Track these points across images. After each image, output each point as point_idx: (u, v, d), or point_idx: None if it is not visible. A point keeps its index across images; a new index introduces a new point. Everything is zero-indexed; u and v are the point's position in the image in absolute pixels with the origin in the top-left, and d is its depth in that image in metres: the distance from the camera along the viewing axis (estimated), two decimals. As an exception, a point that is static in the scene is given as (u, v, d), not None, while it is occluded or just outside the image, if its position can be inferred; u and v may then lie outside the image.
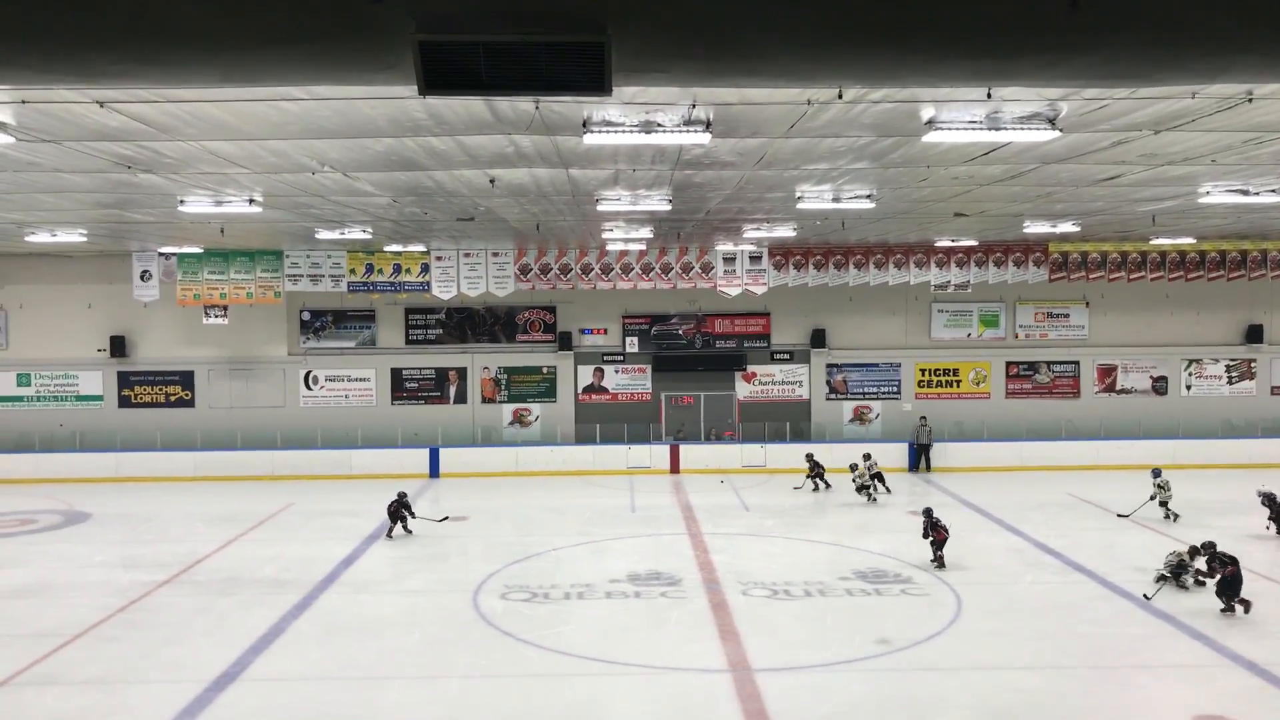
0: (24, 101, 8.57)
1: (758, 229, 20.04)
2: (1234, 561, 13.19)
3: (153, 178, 12.84)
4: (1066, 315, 27.46)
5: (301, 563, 16.46)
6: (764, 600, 14.08)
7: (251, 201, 14.89)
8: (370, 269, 24.83)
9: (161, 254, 24.25)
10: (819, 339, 26.97)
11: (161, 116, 9.27)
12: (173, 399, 27.03)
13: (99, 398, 26.93)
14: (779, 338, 27.22)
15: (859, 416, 27.25)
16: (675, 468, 25.47)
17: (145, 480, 24.76)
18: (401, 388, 27.21)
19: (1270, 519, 17.72)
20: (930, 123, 9.75)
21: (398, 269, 24.83)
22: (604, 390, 27.19)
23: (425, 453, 25.55)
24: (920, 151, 11.69)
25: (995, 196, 15.73)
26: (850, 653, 11.89)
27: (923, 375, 27.41)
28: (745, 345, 27.11)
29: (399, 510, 18.39)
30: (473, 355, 27.26)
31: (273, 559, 16.79)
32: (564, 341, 26.97)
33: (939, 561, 15.59)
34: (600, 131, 9.62)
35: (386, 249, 24.12)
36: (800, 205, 15.60)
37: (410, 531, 18.48)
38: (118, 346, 26.67)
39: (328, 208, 16.25)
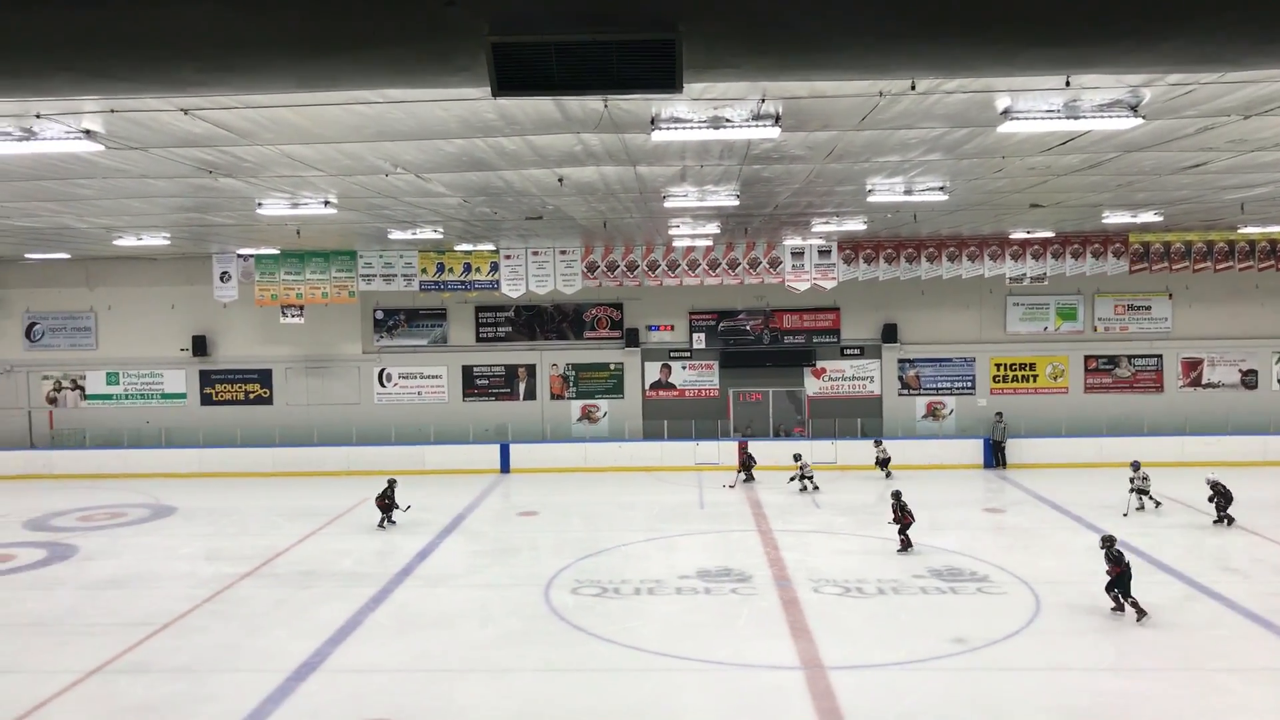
0: (113, 110, 8.87)
1: (826, 223, 19.81)
2: (1120, 561, 12.89)
3: (232, 181, 13.20)
4: (1148, 307, 26.63)
5: (377, 556, 16.80)
6: (836, 598, 13.95)
7: (326, 203, 15.21)
8: (441, 268, 25.20)
9: (240, 256, 24.94)
10: (890, 334, 26.59)
11: (241, 122, 9.52)
12: (252, 396, 27.80)
13: (182, 395, 27.84)
14: (849, 333, 26.91)
15: (932, 412, 26.81)
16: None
17: (226, 475, 25.52)
18: (472, 384, 27.57)
19: (1216, 508, 18.01)
20: (1006, 112, 9.53)
21: (468, 268, 25.16)
22: (671, 386, 27.20)
23: (496, 449, 25.87)
24: (995, 142, 11.43)
25: (1073, 187, 15.31)
26: (925, 651, 11.72)
27: (998, 370, 26.84)
28: (814, 341, 26.86)
29: (389, 502, 18.93)
30: (541, 352, 27.50)
31: (349, 553, 17.18)
32: (631, 338, 27.04)
33: (904, 544, 16.15)
34: (668, 128, 9.60)
35: (457, 248, 24.46)
36: (871, 198, 15.39)
37: (395, 523, 18.92)
38: (199, 346, 27.52)
39: (400, 209, 16.53)
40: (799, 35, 4.54)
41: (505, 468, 25.62)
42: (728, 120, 9.49)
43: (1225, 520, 17.99)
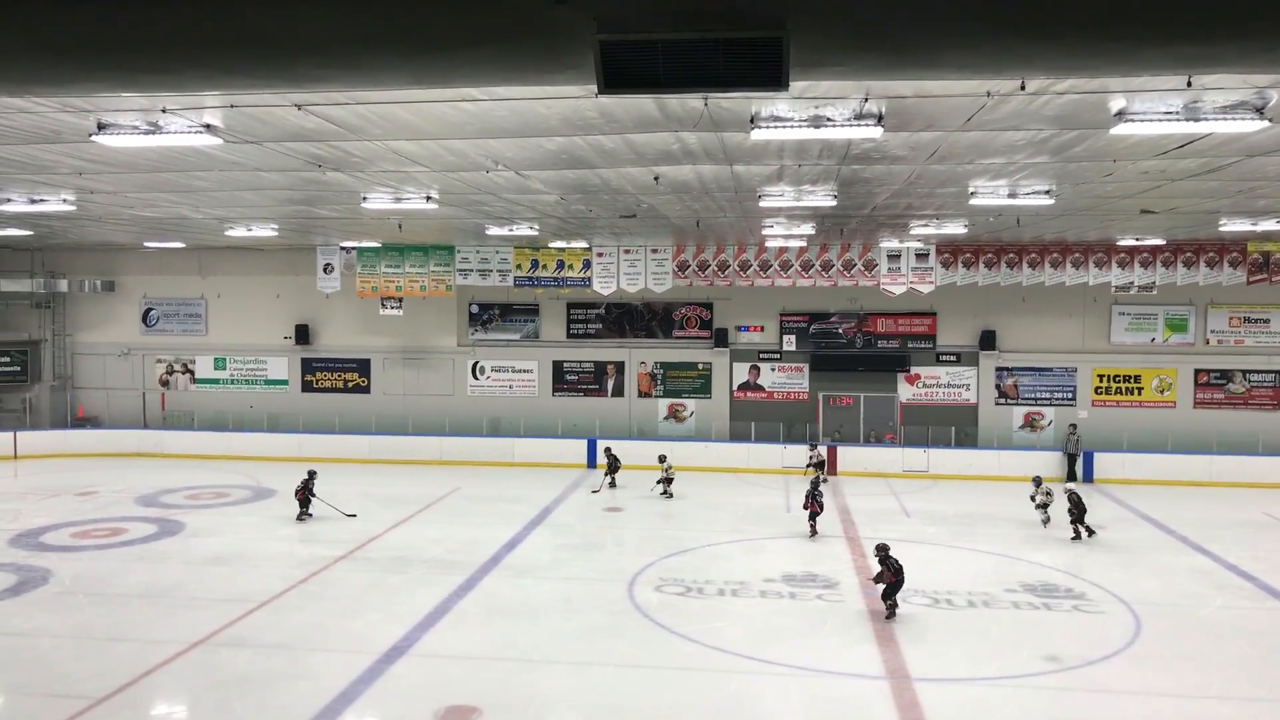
0: (232, 106, 9.25)
1: (926, 225, 19.42)
2: (898, 572, 13.05)
3: (340, 175, 13.61)
4: (1267, 320, 25.36)
5: (466, 545, 17.12)
6: (924, 608, 13.67)
7: (429, 198, 15.57)
8: (535, 264, 25.55)
9: (343, 248, 25.70)
10: (988, 341, 25.92)
11: (351, 117, 9.82)
12: (350, 385, 28.63)
13: (284, 382, 28.83)
14: (945, 339, 26.33)
15: (1030, 423, 26.04)
16: (832, 470, 25.04)
17: (324, 461, 26.25)
18: (562, 380, 27.88)
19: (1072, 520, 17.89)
20: (1120, 114, 9.20)
21: (561, 265, 25.44)
22: (759, 388, 27.02)
23: (583, 443, 26.09)
24: (1106, 145, 11.05)
25: (1188, 192, 14.69)
26: (1016, 668, 11.40)
27: (1100, 381, 25.92)
28: (909, 346, 26.36)
29: (308, 492, 19.22)
30: (630, 350, 27.63)
31: (439, 540, 17.55)
32: (720, 338, 26.96)
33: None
34: (768, 127, 9.55)
35: (551, 245, 24.75)
36: (973, 201, 15.03)
37: (311, 515, 19.17)
38: (302, 334, 28.47)
39: (499, 205, 16.81)
40: (911, 33, 4.46)
41: (592, 463, 25.82)
42: (829, 119, 9.39)
43: (1086, 531, 17.94)
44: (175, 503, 20.97)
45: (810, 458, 23.89)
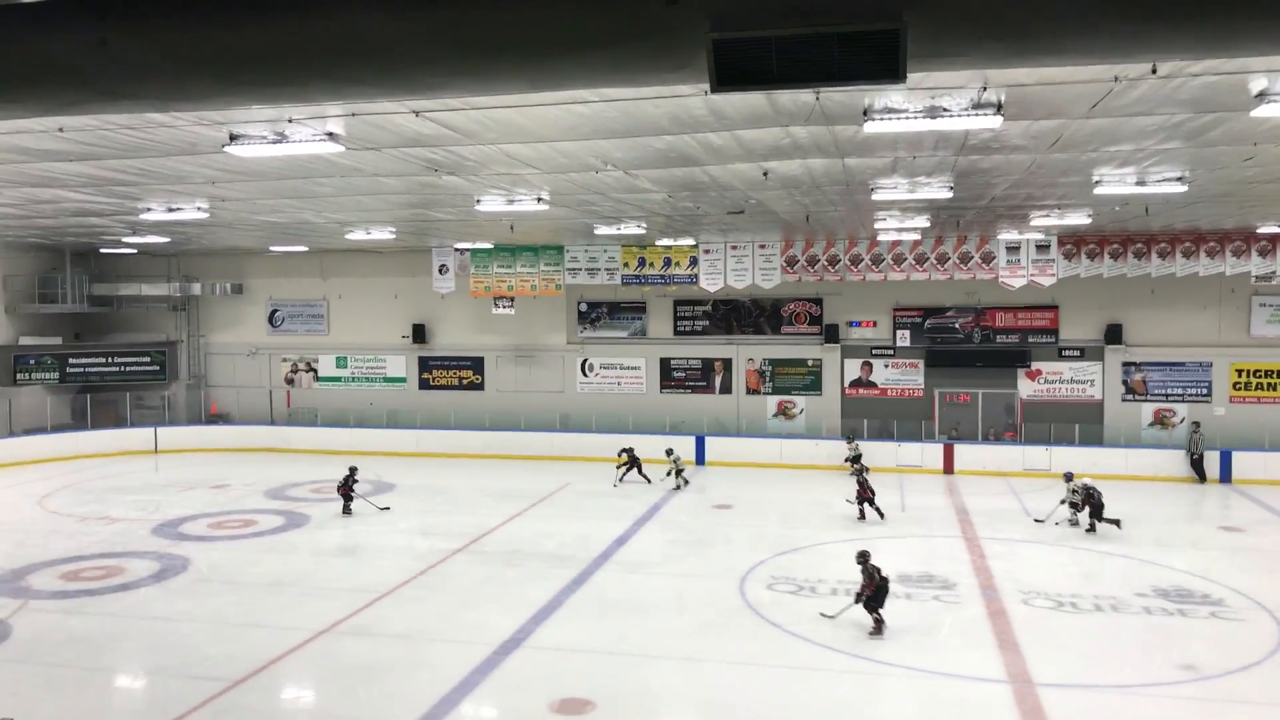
0: (353, 114, 9.59)
1: (1046, 216, 18.72)
2: (874, 576, 12.18)
3: (454, 179, 13.96)
4: None
5: (578, 540, 17.35)
6: (1048, 612, 13.19)
7: (540, 200, 15.83)
8: (642, 262, 25.69)
9: (457, 249, 26.36)
10: (1114, 335, 24.80)
11: (466, 123, 10.06)
12: (465, 382, 29.35)
13: (402, 379, 29.75)
14: (1068, 333, 25.30)
15: (1160, 420, 24.80)
16: (949, 468, 24.40)
17: (440, 456, 27.04)
18: (669, 376, 27.94)
19: (1089, 514, 17.68)
20: (1262, 95, 8.69)
21: (668, 262, 25.51)
22: (872, 385, 26.52)
23: (692, 440, 26.09)
24: (1246, 127, 10.45)
25: (1338, 174, 13.77)
26: (1148, 676, 10.91)
27: (1239, 377, 24.50)
28: (1029, 340, 25.43)
29: (349, 489, 19.50)
30: (738, 346, 27.49)
31: (552, 535, 17.83)
32: (830, 334, 26.56)
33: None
34: (882, 119, 9.37)
35: (658, 243, 24.84)
36: (1098, 190, 14.42)
37: (351, 513, 19.33)
38: (418, 334, 29.32)
39: (607, 205, 16.97)
40: (1030, 20, 4.32)
41: (700, 460, 25.81)
42: (945, 110, 9.15)
43: (1105, 522, 17.71)
44: (301, 496, 21.88)
45: (850, 450, 23.76)
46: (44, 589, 14.50)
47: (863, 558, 12.57)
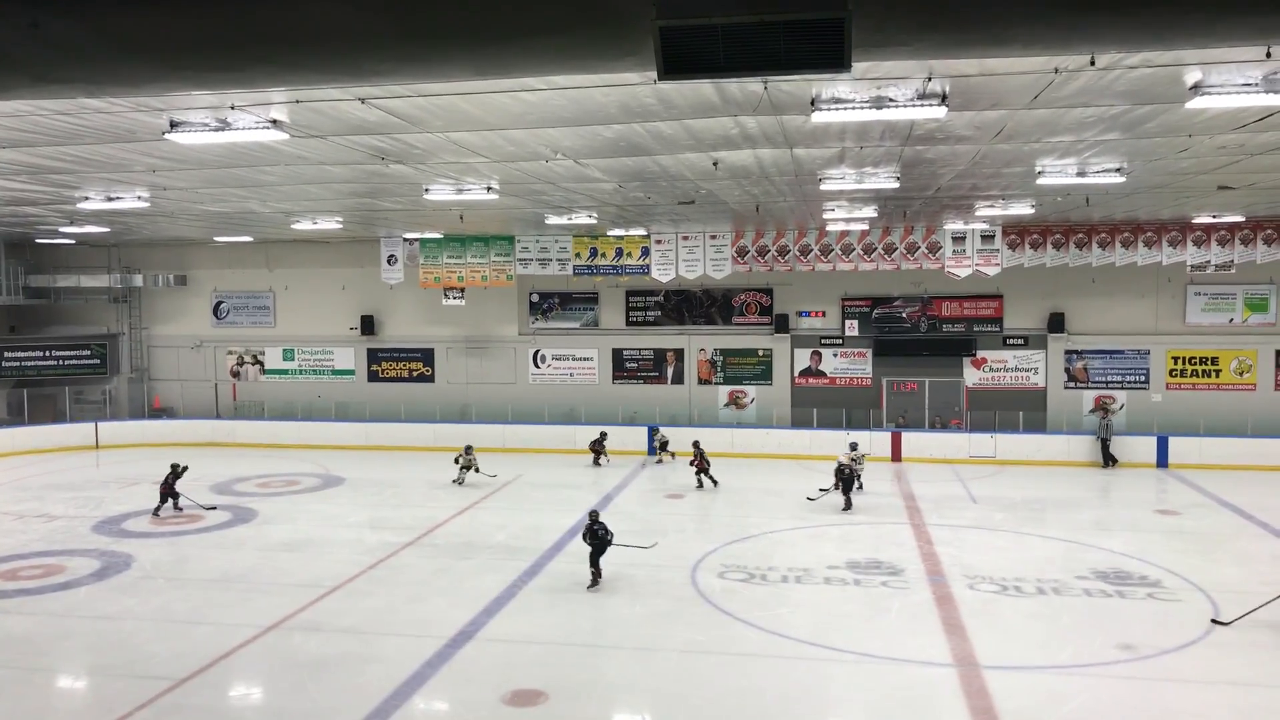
0: (297, 101, 9.43)
1: (991, 206, 19.04)
2: (598, 536, 13.85)
3: (402, 168, 13.80)
4: (1352, 298, 24.39)
5: (530, 531, 17.30)
6: (992, 596, 13.46)
7: (489, 189, 15.71)
8: (594, 253, 25.65)
9: (406, 239, 26.07)
10: (1057, 323, 25.34)
11: (413, 110, 9.94)
12: (415, 374, 29.09)
13: (351, 372, 29.40)
14: (1012, 321, 25.80)
15: (1101, 407, 25.41)
16: (897, 456, 24.76)
17: (390, 449, 26.78)
18: (622, 367, 27.96)
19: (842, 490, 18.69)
20: (1196, 88, 8.92)
21: (619, 253, 25.50)
22: (821, 374, 26.80)
23: (643, 431, 26.14)
24: (1181, 119, 10.72)
25: (1269, 167, 14.17)
26: (1089, 656, 11.18)
27: (1175, 364, 25.18)
28: (975, 329, 25.89)
29: (172, 487, 18.96)
30: (690, 337, 27.60)
31: (503, 526, 17.76)
32: (780, 324, 26.78)
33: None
34: (829, 109, 9.44)
35: (609, 233, 24.81)
36: (1041, 181, 14.69)
37: (180, 509, 18.96)
38: (367, 325, 28.98)
39: (558, 194, 16.90)
40: (974, 10, 4.37)
41: (651, 450, 25.86)
42: (891, 100, 9.26)
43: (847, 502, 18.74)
44: (248, 490, 21.53)
45: (659, 438, 25.03)
46: (-21, 589, 14.11)
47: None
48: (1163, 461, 23.72)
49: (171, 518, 18.67)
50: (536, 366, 28.37)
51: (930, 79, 8.78)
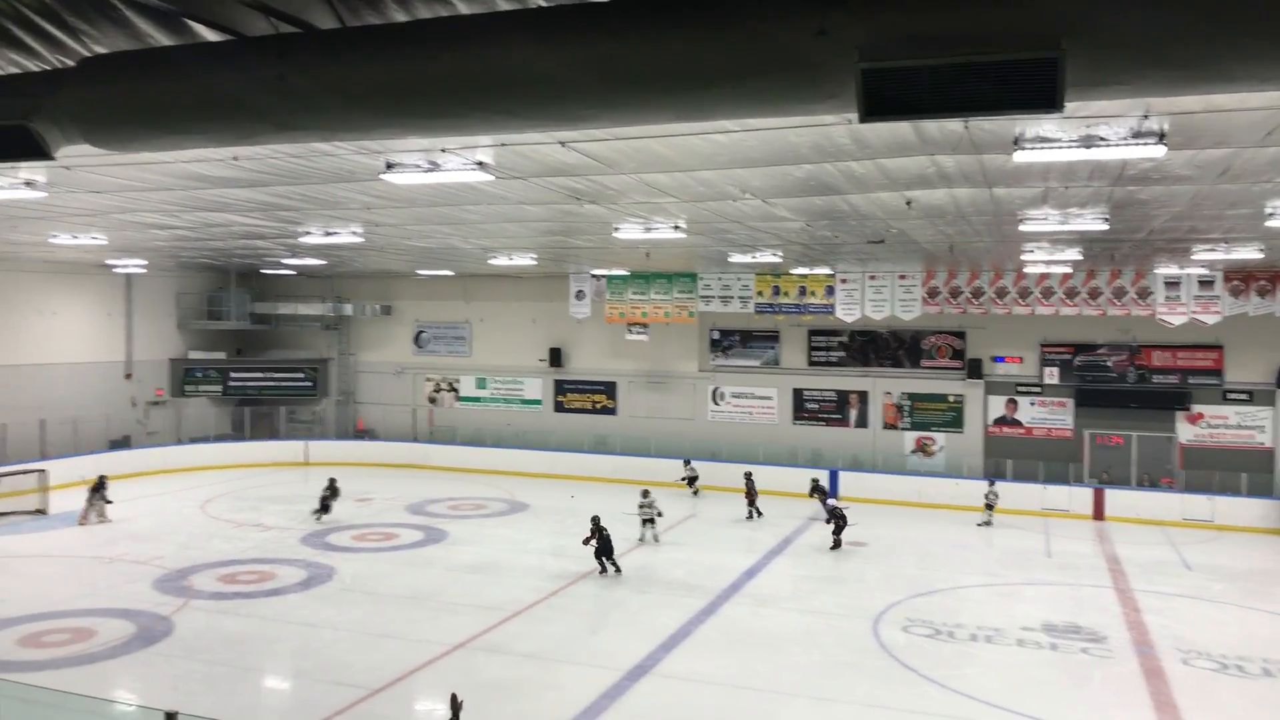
0: (502, 144, 9.90)
1: (1211, 250, 17.61)
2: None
3: (595, 208, 14.22)
4: None
5: (708, 570, 17.25)
6: (1210, 674, 12.30)
7: (676, 227, 15.93)
8: (776, 291, 25.51)
9: (593, 275, 26.82)
10: (1287, 377, 23.08)
11: (609, 152, 10.24)
12: (598, 406, 29.74)
13: (539, 402, 30.39)
14: (1234, 375, 23.68)
15: (1340, 471, 22.87)
16: (1099, 514, 23.13)
17: (573, 478, 27.39)
18: (802, 408, 27.57)
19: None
20: None
21: (803, 291, 25.24)
22: (1017, 423, 25.47)
23: (825, 474, 25.58)
24: None
25: None
26: (1325, 752, 10.03)
27: None
28: (1190, 381, 23.91)
29: (330, 498, 21.13)
30: (874, 379, 26.91)
31: (681, 563, 17.79)
32: (973, 369, 25.68)
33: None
34: (1033, 148, 9.03)
35: (793, 271, 24.61)
36: (1271, 223, 13.49)
37: (329, 511, 21.06)
38: (555, 357, 29.93)
39: (743, 233, 16.94)
40: (1200, 45, 4.10)
41: (834, 494, 25.25)
42: (1102, 139, 8.75)
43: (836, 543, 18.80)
44: (439, 512, 22.56)
45: (685, 474, 25.24)
46: (204, 589, 15.41)
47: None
48: None
49: (369, 533, 19.80)
50: (715, 404, 28.40)
51: (1147, 116, 8.26)
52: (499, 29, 4.85)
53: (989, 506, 22.18)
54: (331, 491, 21.46)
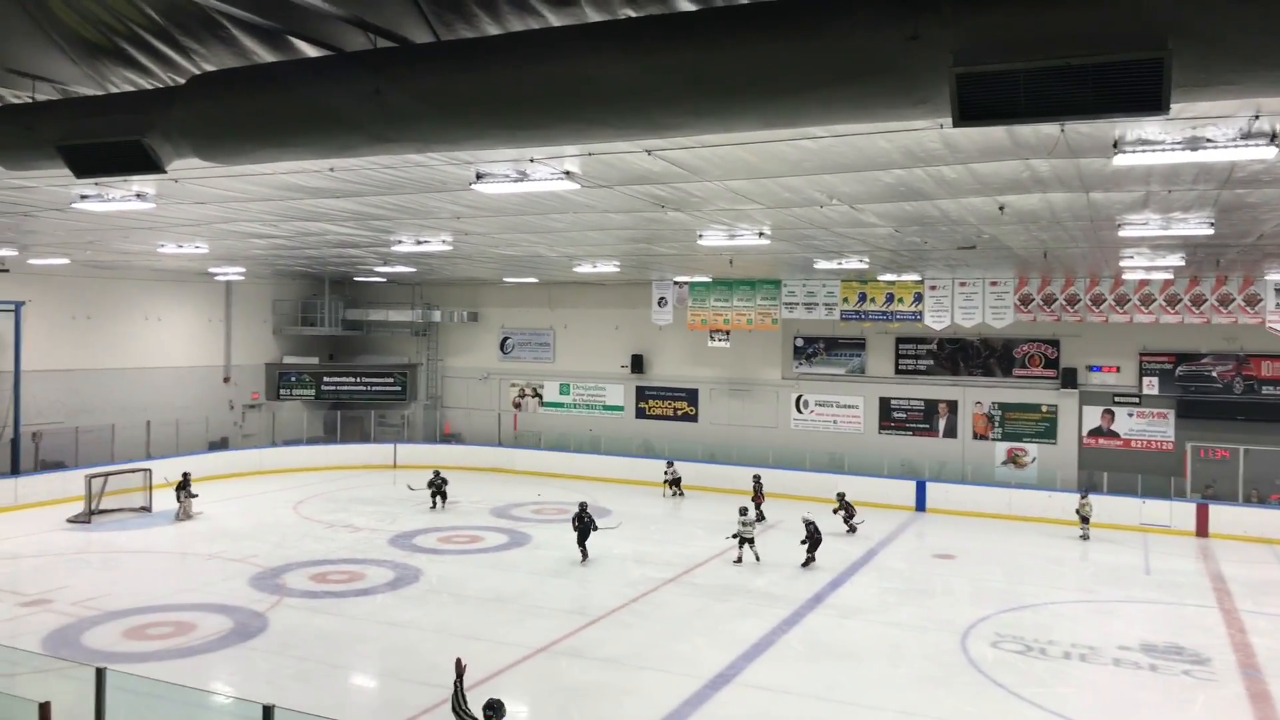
0: (589, 154, 10.00)
1: (1326, 255, 16.81)
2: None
3: (679, 215, 14.24)
4: None
5: (790, 579, 17.08)
6: (1323, 702, 11.70)
7: (761, 234, 15.86)
8: (863, 298, 25.16)
9: (676, 283, 26.85)
10: None
11: (694, 160, 10.24)
12: (679, 413, 29.74)
13: (620, 408, 30.54)
14: (1349, 385, 22.51)
15: None
16: (1202, 530, 22.19)
17: (654, 485, 27.35)
18: (889, 417, 27.12)
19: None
20: None
21: (890, 298, 24.86)
22: (1113, 435, 24.61)
23: (911, 485, 25.14)
24: None
25: None
26: None
27: None
28: (1301, 392, 22.82)
29: (440, 487, 23.30)
30: (964, 388, 26.31)
31: (763, 572, 17.63)
32: (1067, 378, 24.91)
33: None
34: (1134, 151, 8.73)
35: (880, 278, 24.25)
36: (1392, 226, 12.80)
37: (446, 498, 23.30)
38: (636, 364, 30.04)
39: (829, 239, 16.76)
40: (1321, 41, 3.92)
41: (920, 505, 24.81)
42: (1209, 141, 8.42)
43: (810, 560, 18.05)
44: (524, 516, 22.83)
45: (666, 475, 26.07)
46: (296, 588, 15.88)
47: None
48: None
49: (455, 536, 20.14)
50: (799, 412, 28.13)
51: (1258, 116, 7.91)
52: (589, 40, 4.91)
53: (1085, 520, 21.43)
54: (440, 482, 23.68)
